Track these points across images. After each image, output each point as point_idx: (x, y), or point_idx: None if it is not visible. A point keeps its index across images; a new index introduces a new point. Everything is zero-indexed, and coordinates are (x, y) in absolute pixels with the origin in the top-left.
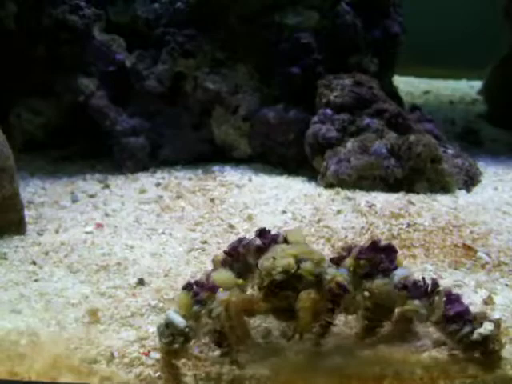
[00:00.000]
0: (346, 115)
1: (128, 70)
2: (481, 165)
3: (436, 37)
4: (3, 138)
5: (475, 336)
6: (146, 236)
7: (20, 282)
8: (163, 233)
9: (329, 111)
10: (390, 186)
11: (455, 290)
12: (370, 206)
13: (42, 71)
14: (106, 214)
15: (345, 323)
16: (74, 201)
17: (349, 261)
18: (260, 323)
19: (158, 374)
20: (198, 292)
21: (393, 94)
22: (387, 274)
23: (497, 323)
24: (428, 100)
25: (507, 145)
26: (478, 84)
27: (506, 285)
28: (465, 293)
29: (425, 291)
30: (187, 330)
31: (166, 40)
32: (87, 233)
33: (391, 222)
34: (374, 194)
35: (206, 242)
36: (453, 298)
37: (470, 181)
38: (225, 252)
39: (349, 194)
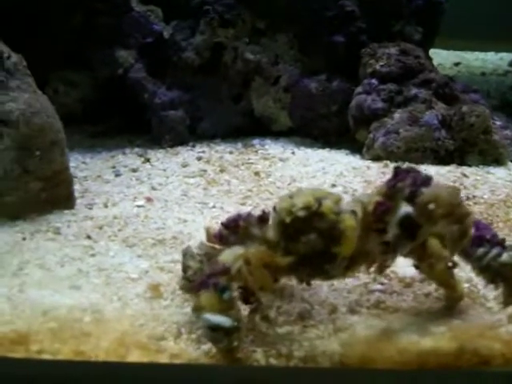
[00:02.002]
0: (393, 85)
1: (166, 42)
2: None
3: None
4: (53, 109)
5: (504, 257)
6: (198, 210)
7: (76, 257)
8: (214, 206)
9: (374, 81)
10: (441, 158)
11: None
12: None
13: (79, 43)
14: (153, 188)
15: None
16: (117, 175)
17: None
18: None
19: None
20: (217, 282)
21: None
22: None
23: None
24: (459, 72)
25: None
26: (507, 56)
27: None
28: None
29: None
30: (236, 323)
31: (204, 10)
32: (138, 206)
33: None
34: (424, 166)
35: None
36: (481, 226)
37: None
38: (222, 224)
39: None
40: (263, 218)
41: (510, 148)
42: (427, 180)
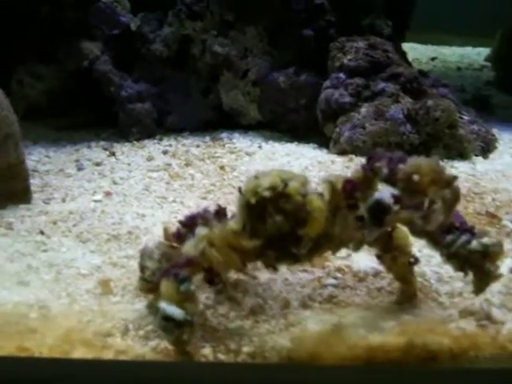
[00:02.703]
0: (360, 79)
1: (133, 34)
2: (495, 131)
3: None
4: (7, 102)
5: (474, 244)
6: (157, 204)
7: (28, 252)
8: (174, 201)
9: (342, 75)
10: (406, 152)
11: None
12: None
13: (45, 35)
14: (114, 182)
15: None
16: (80, 169)
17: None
18: None
19: None
20: (178, 273)
21: (404, 59)
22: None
23: (499, 244)
24: (435, 66)
25: None
26: (484, 50)
27: None
28: None
29: (420, 203)
30: (189, 317)
31: (172, 1)
32: (96, 201)
33: None
34: None
35: None
36: (456, 213)
37: (487, 147)
38: (180, 222)
39: (363, 161)
40: (220, 213)
41: (475, 142)
42: (403, 157)
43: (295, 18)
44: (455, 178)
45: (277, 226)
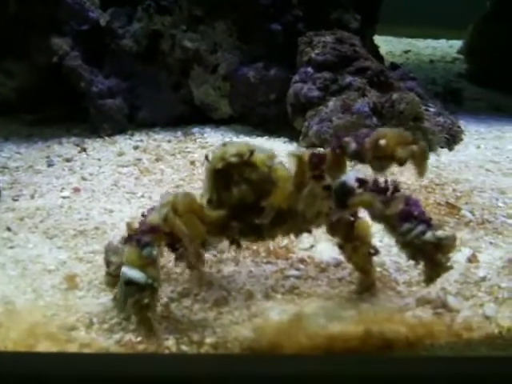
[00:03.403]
0: (328, 73)
1: (103, 29)
2: (462, 123)
3: None
4: None
5: (428, 236)
6: (125, 200)
7: None
8: (142, 196)
9: (310, 69)
10: None
11: None
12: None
13: (14, 32)
14: (83, 178)
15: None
16: (50, 165)
17: None
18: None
19: (140, 338)
20: (140, 238)
21: (374, 52)
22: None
23: (452, 237)
24: (408, 59)
25: (488, 103)
26: (457, 43)
27: (491, 243)
28: None
29: (384, 189)
30: (150, 281)
31: None
32: (64, 197)
33: None
34: None
35: None
36: (411, 202)
37: (452, 139)
38: (143, 215)
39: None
40: None
41: (441, 134)
42: (368, 132)
43: (263, 12)
44: (417, 138)
45: (241, 194)
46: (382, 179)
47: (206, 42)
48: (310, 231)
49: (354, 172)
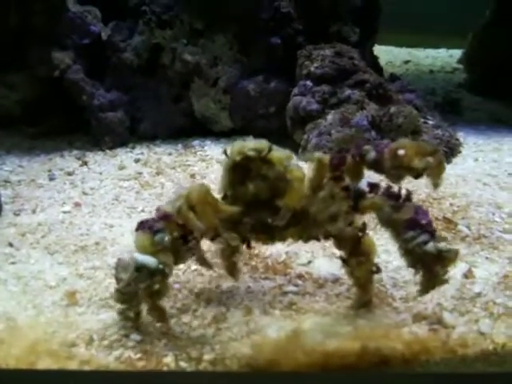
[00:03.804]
0: (327, 87)
1: (104, 43)
2: (461, 135)
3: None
4: None
5: (429, 247)
6: (126, 214)
7: None
8: (143, 211)
9: (309, 83)
10: None
11: None
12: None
13: (16, 45)
14: (84, 193)
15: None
16: (52, 179)
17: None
18: None
19: (139, 355)
20: (153, 225)
21: (374, 63)
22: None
23: (454, 252)
24: (408, 69)
25: (487, 114)
26: (457, 52)
27: (486, 258)
28: None
29: (395, 195)
30: (161, 266)
31: (142, 10)
32: (65, 212)
33: None
34: None
35: None
36: (420, 211)
37: (450, 152)
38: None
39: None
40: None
41: (439, 147)
42: (388, 143)
43: (263, 26)
44: (438, 149)
45: (257, 190)
46: (395, 187)
47: (206, 55)
48: (318, 239)
49: (367, 179)
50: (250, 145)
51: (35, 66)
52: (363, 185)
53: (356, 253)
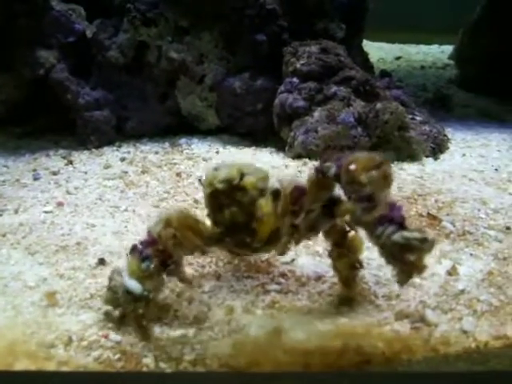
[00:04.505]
0: (313, 83)
1: (89, 41)
2: (449, 131)
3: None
4: None
5: (395, 236)
6: (109, 214)
7: None
8: (126, 210)
9: (295, 80)
10: None
11: None
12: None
13: (0, 45)
14: (68, 192)
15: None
16: (36, 178)
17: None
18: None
19: (118, 356)
20: (142, 250)
21: (363, 60)
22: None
23: (423, 238)
24: (399, 66)
25: (477, 110)
26: (449, 48)
27: (471, 254)
28: (429, 264)
29: (367, 197)
30: (146, 293)
31: (126, 8)
32: (47, 212)
33: None
34: None
35: None
36: (395, 208)
37: (438, 148)
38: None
39: (316, 164)
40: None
41: (426, 144)
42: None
43: (249, 23)
44: (385, 161)
45: (232, 215)
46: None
47: (192, 52)
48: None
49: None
50: (221, 175)
51: (19, 66)
52: (336, 193)
53: (340, 245)
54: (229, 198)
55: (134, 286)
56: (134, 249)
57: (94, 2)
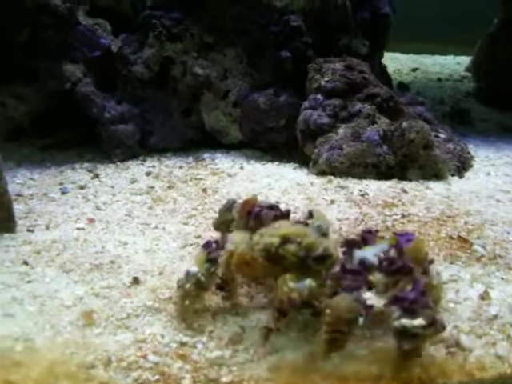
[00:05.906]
0: (338, 100)
1: (114, 55)
2: (471, 148)
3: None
4: None
5: (395, 323)
6: (139, 231)
7: (12, 284)
8: (156, 227)
9: (320, 96)
10: (382, 173)
11: (451, 285)
12: (362, 195)
13: (26, 57)
14: (97, 208)
15: None
16: (64, 192)
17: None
18: None
19: (157, 377)
20: (212, 251)
21: (382, 73)
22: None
23: (440, 326)
24: (416, 77)
25: (497, 124)
26: (465, 59)
27: (502, 278)
28: (461, 287)
29: (394, 270)
30: (201, 277)
31: (152, 23)
32: (79, 229)
33: (385, 212)
34: (366, 181)
35: (199, 237)
36: (417, 286)
37: (462, 166)
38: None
39: (341, 182)
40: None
41: (451, 162)
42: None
43: (273, 39)
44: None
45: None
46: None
47: (216, 68)
48: None
49: (377, 248)
50: (261, 244)
51: (44, 78)
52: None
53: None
54: (272, 260)
55: (193, 269)
56: (207, 244)
57: (120, 17)
